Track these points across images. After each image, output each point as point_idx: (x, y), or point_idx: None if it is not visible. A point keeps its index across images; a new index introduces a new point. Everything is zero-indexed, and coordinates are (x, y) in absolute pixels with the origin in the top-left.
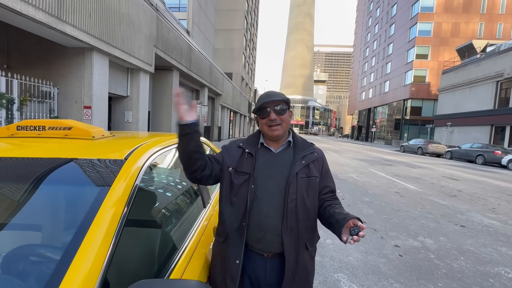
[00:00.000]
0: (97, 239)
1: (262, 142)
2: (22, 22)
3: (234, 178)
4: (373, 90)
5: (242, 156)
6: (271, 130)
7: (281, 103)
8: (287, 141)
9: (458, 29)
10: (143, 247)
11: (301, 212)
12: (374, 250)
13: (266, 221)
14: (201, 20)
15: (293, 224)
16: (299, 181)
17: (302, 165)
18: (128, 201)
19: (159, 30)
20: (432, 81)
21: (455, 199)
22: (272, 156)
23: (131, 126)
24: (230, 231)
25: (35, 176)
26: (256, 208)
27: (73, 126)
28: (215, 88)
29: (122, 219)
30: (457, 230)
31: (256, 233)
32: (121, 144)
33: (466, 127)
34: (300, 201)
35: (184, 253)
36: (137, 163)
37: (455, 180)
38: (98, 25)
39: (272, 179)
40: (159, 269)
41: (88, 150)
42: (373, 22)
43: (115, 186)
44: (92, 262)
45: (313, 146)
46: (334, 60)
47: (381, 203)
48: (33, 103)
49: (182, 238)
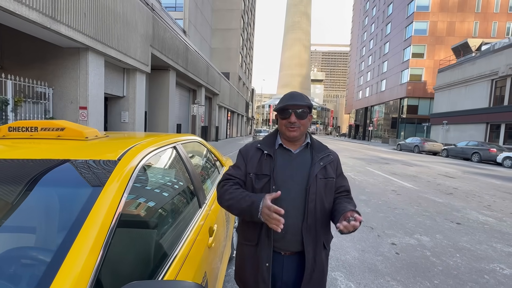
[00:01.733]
0: (88, 241)
1: (281, 143)
2: (16, 22)
3: (255, 182)
4: (370, 89)
5: (261, 158)
6: (289, 131)
7: (304, 107)
8: (306, 143)
9: (453, 28)
10: (137, 248)
11: (319, 212)
12: (371, 248)
13: (287, 221)
14: (198, 20)
15: (312, 223)
16: (318, 182)
17: (321, 167)
18: (121, 201)
19: (155, 30)
20: (428, 79)
21: (451, 196)
22: (292, 157)
23: (127, 127)
24: (260, 234)
25: (26, 178)
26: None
27: (66, 127)
28: (212, 88)
29: (115, 220)
30: (453, 227)
31: (276, 233)
32: (114, 144)
33: (462, 125)
34: (319, 202)
35: (179, 253)
36: (131, 163)
37: (451, 178)
38: (93, 25)
39: (293, 179)
40: (153, 270)
41: (81, 151)
42: (370, 21)
43: (108, 186)
44: (84, 263)
45: (329, 148)
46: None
47: (378, 202)
48: (28, 104)
49: (177, 239)
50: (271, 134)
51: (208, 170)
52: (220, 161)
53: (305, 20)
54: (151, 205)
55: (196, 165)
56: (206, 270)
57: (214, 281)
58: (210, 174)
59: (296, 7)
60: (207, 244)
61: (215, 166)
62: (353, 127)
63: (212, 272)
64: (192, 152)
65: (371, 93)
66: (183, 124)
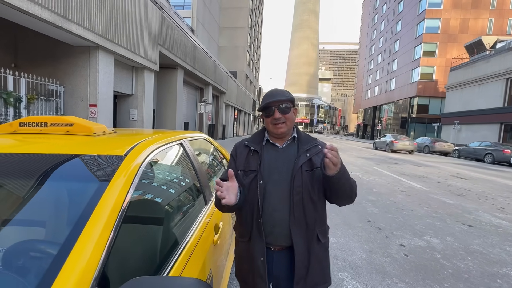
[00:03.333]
0: (94, 235)
1: (268, 138)
2: (28, 21)
3: (243, 178)
4: (379, 88)
5: (249, 155)
6: (276, 128)
7: (286, 102)
8: (292, 136)
9: (466, 25)
10: (143, 244)
11: (307, 204)
12: (378, 249)
13: (275, 215)
14: (206, 18)
15: (300, 216)
16: (304, 174)
17: (306, 158)
18: (127, 197)
19: (163, 29)
20: (439, 78)
21: (462, 198)
22: (278, 152)
23: (136, 124)
24: (252, 230)
25: (36, 172)
26: (267, 203)
27: (75, 122)
28: (220, 86)
29: (120, 215)
30: (464, 229)
31: (266, 227)
32: (122, 140)
33: (474, 125)
34: (306, 194)
35: (184, 250)
36: (137, 159)
37: (463, 179)
38: (103, 24)
39: (279, 173)
40: (159, 265)
41: (89, 146)
42: (379, 19)
43: (114, 182)
44: (89, 257)
45: (317, 140)
46: (339, 58)
47: (386, 202)
48: (40, 101)
49: (182, 235)
50: (259, 131)
51: (215, 167)
52: (226, 159)
53: (313, 18)
54: (157, 201)
55: (202, 162)
56: (212, 267)
57: (219, 279)
58: (217, 172)
59: (305, 5)
60: (212, 241)
61: (222, 163)
62: (361, 126)
63: (218, 270)
64: (198, 149)
65: (380, 92)
66: (191, 122)
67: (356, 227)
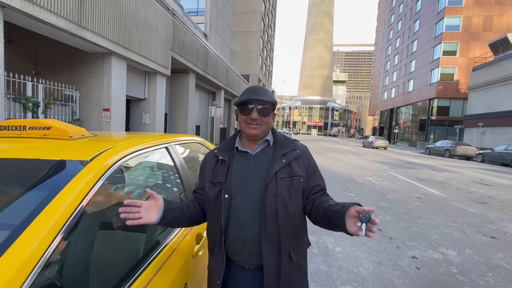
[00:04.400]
0: (32, 241)
1: (237, 146)
2: (46, 29)
3: (209, 191)
4: (396, 90)
5: (217, 165)
6: (249, 128)
7: (267, 103)
8: (265, 140)
9: (490, 22)
10: (105, 253)
11: (281, 216)
12: (388, 261)
13: (244, 231)
14: (219, 24)
15: (273, 231)
16: (279, 182)
17: (283, 164)
18: (82, 202)
19: (175, 34)
20: (461, 79)
21: (485, 206)
22: (249, 159)
23: (148, 128)
24: (214, 247)
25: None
26: (234, 218)
27: (52, 126)
28: (232, 90)
29: (71, 221)
30: (485, 241)
31: (234, 245)
32: (95, 144)
33: (500, 127)
34: (281, 205)
35: (154, 261)
36: (105, 163)
37: (486, 185)
38: (116, 31)
39: (249, 184)
40: (121, 278)
41: (58, 150)
42: (396, 19)
43: (70, 187)
44: (20, 266)
45: (296, 142)
46: (354, 60)
47: (400, 209)
48: (57, 106)
49: (156, 244)
50: (231, 137)
51: None
52: None
53: (327, 20)
54: None
55: (192, 167)
56: (188, 282)
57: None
58: None
59: (318, 8)
60: (191, 252)
61: None
62: (377, 129)
63: (195, 285)
64: (191, 153)
65: (397, 94)
66: (203, 125)
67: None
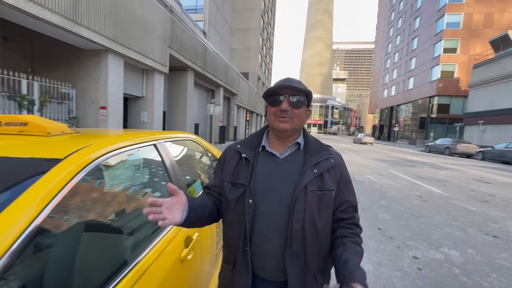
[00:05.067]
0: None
1: (264, 145)
2: (41, 26)
3: (228, 193)
4: (396, 88)
5: (239, 163)
6: (278, 121)
7: (301, 94)
8: (296, 142)
9: (491, 19)
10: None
11: (309, 234)
12: (388, 262)
13: (265, 246)
14: (218, 21)
15: (299, 249)
16: (308, 195)
17: (314, 175)
18: (52, 202)
19: (173, 31)
20: (461, 76)
21: (487, 205)
22: (277, 163)
23: (146, 126)
24: (237, 257)
25: None
26: (256, 229)
27: (29, 121)
28: (231, 88)
29: (32, 229)
30: (488, 241)
31: (256, 258)
32: (74, 142)
33: (500, 125)
34: (309, 221)
35: (135, 267)
36: (80, 162)
37: (487, 183)
38: (113, 27)
39: (274, 192)
40: (98, 286)
41: (30, 147)
42: (396, 16)
43: (36, 188)
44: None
45: (330, 150)
46: (354, 58)
47: (400, 208)
48: (53, 104)
49: (139, 248)
50: (257, 132)
51: (201, 171)
52: None
53: (327, 17)
54: (105, 207)
55: (183, 165)
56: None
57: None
58: (204, 177)
59: (318, 5)
60: (179, 257)
61: (212, 167)
62: (377, 127)
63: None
64: (183, 151)
65: (397, 92)
66: (202, 124)
67: (364, 235)
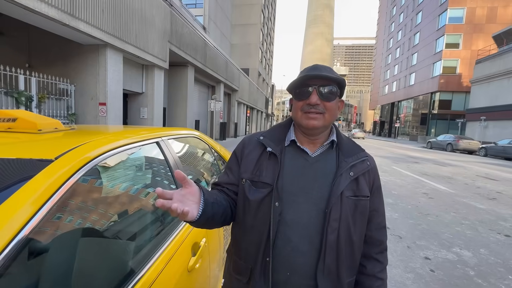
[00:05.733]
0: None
1: (294, 139)
2: (37, 20)
3: (249, 192)
4: (397, 83)
5: (262, 158)
6: (307, 118)
7: (332, 83)
8: (331, 141)
9: (495, 14)
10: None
11: (344, 247)
12: (399, 263)
13: (295, 258)
14: (218, 16)
15: (332, 264)
16: (344, 202)
17: (350, 179)
18: (41, 211)
19: (173, 26)
20: (463, 72)
21: (494, 202)
22: (308, 162)
23: (146, 123)
24: (254, 269)
25: None
26: (282, 237)
27: (19, 117)
28: (231, 84)
29: (29, 227)
30: (500, 240)
31: (279, 273)
32: (68, 140)
33: (503, 121)
34: (344, 232)
35: (139, 282)
36: (74, 162)
37: (493, 180)
38: (111, 22)
39: (306, 195)
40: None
41: (17, 146)
42: (398, 11)
43: (25, 192)
44: None
45: (364, 150)
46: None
47: (407, 206)
48: (51, 101)
49: (141, 261)
50: (282, 124)
51: (207, 170)
52: (225, 160)
53: (328, 13)
54: (101, 216)
55: (188, 164)
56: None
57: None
58: (208, 175)
59: (319, 0)
60: (186, 267)
61: (217, 165)
62: (377, 123)
63: None
64: (186, 149)
65: (398, 88)
66: (202, 120)
67: None
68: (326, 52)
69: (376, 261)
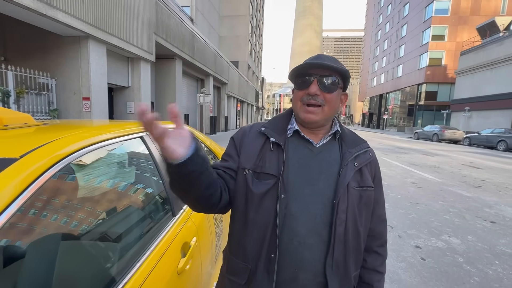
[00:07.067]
0: None
1: (297, 129)
2: (11, 9)
3: (252, 184)
4: (385, 75)
5: (265, 149)
6: (306, 111)
7: (334, 73)
8: (334, 131)
9: (478, 6)
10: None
11: (351, 239)
12: (391, 252)
13: (302, 252)
14: (205, 7)
15: (340, 257)
16: (350, 192)
17: (355, 169)
18: (5, 211)
19: (158, 16)
20: (449, 63)
21: (480, 190)
22: (312, 152)
23: (133, 117)
24: (256, 268)
25: None
26: (288, 231)
27: None
28: (221, 77)
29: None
30: (487, 227)
31: (286, 269)
32: (38, 136)
33: (486, 111)
34: (352, 223)
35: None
36: (43, 162)
37: (478, 168)
38: (93, 11)
39: (312, 187)
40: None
41: None
42: (386, 3)
43: None
44: None
45: (366, 142)
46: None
47: (397, 196)
48: (31, 96)
49: (125, 265)
50: (283, 114)
51: None
52: (217, 156)
53: (316, 4)
54: (81, 215)
55: None
56: None
57: None
58: None
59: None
60: (175, 269)
61: None
62: (366, 115)
63: None
64: None
65: (386, 80)
66: (192, 114)
67: None
68: (316, 45)
69: (377, 254)
